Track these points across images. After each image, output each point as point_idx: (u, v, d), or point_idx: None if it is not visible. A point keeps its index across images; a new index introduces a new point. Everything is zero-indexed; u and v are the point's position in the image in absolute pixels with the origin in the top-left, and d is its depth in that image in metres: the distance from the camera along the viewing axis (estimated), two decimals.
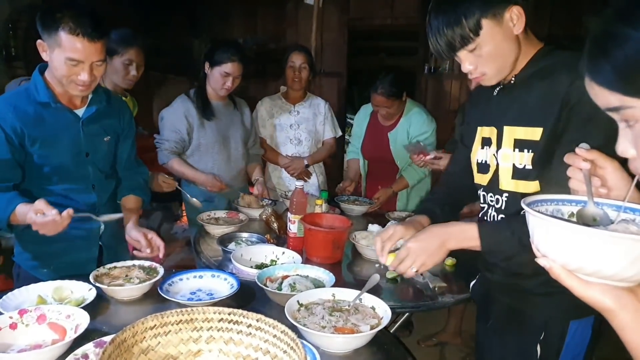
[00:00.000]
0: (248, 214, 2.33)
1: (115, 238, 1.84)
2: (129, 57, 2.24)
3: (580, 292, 0.66)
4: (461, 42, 1.15)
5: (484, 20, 1.12)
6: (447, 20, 1.14)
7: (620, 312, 0.64)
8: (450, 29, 1.14)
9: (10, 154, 1.50)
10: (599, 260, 0.62)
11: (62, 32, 1.42)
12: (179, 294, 1.43)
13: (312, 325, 1.17)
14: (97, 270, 1.47)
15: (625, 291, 0.65)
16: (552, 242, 0.66)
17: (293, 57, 2.77)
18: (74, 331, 1.11)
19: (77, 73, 1.48)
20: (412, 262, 1.28)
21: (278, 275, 1.52)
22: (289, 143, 2.92)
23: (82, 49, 1.45)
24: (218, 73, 2.44)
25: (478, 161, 1.40)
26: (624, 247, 0.59)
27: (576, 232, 0.62)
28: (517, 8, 1.14)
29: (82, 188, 1.67)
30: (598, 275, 0.63)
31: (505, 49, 1.17)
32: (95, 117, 1.67)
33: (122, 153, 1.83)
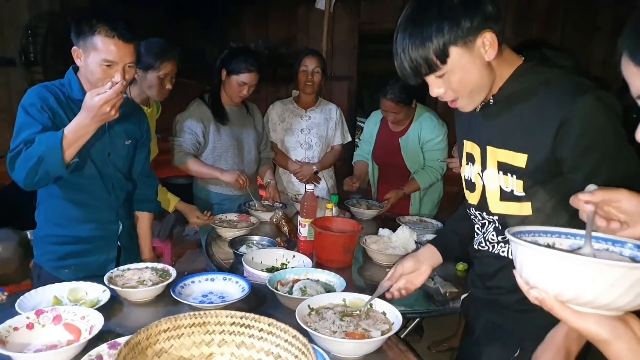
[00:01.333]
0: (259, 217, 2.34)
1: (131, 238, 1.89)
2: (165, 72, 2.18)
3: (574, 324, 0.65)
4: (428, 69, 1.08)
5: (452, 47, 1.04)
6: (414, 48, 1.06)
7: (615, 343, 0.63)
8: (417, 58, 1.07)
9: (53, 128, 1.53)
10: (594, 289, 0.61)
11: (99, 36, 1.52)
12: (191, 297, 1.44)
13: (322, 330, 1.17)
14: (111, 272, 1.49)
15: (619, 321, 0.64)
16: (545, 273, 0.65)
17: (306, 61, 2.78)
18: (89, 332, 1.13)
19: (111, 75, 1.55)
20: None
21: (289, 279, 1.53)
22: (299, 147, 2.93)
23: (117, 51, 1.53)
24: (235, 82, 2.47)
25: (465, 177, 1.34)
26: (618, 276, 0.59)
27: (573, 261, 0.61)
28: (490, 34, 1.05)
29: (102, 186, 1.72)
30: (592, 305, 0.63)
31: (476, 76, 1.09)
32: (119, 120, 1.70)
33: (139, 160, 1.90)
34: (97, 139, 1.65)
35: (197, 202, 2.60)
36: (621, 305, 0.61)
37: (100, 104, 1.41)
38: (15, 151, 1.47)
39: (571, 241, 0.77)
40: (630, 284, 0.59)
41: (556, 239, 0.78)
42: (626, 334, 0.63)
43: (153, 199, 2.00)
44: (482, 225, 1.31)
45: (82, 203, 1.68)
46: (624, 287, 0.59)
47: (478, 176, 1.26)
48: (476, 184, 1.27)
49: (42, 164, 1.42)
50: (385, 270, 1.87)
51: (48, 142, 1.42)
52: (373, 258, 1.96)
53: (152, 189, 1.99)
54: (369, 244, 2.00)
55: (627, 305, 0.61)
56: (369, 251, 1.96)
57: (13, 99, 3.55)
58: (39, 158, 1.41)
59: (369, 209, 2.62)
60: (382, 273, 1.86)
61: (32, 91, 1.58)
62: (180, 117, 2.54)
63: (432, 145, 2.76)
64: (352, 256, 1.92)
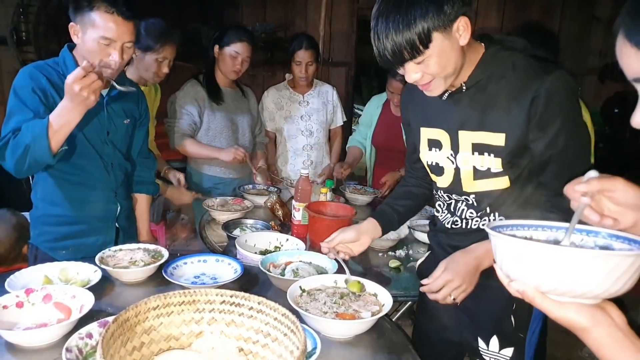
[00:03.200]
0: (253, 200, 2.34)
1: (129, 220, 1.89)
2: (164, 55, 2.16)
3: (555, 314, 0.66)
4: (411, 55, 1.10)
5: (435, 33, 1.07)
6: (397, 32, 1.07)
7: (594, 330, 0.64)
8: (401, 40, 1.08)
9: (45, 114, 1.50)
10: (572, 278, 0.62)
11: (97, 11, 1.48)
12: (183, 278, 1.44)
13: (313, 311, 1.18)
14: (103, 253, 1.49)
15: (597, 309, 0.65)
16: (524, 265, 0.66)
17: (299, 54, 2.73)
18: (79, 311, 1.13)
19: (109, 53, 1.52)
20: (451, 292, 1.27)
21: (281, 262, 1.53)
22: (300, 135, 2.91)
23: (116, 28, 1.49)
24: (228, 54, 2.45)
25: (428, 163, 1.40)
26: (597, 264, 0.60)
27: (550, 252, 0.63)
28: (465, 19, 1.10)
29: (101, 165, 1.70)
30: (571, 294, 0.64)
31: (452, 60, 1.13)
32: (117, 98, 1.71)
33: (138, 140, 1.88)
34: (95, 117, 1.63)
35: (190, 186, 2.59)
36: (599, 293, 0.63)
37: (78, 89, 1.33)
38: (4, 141, 1.45)
39: (548, 233, 0.78)
40: (606, 272, 0.60)
41: (533, 231, 0.79)
42: (605, 320, 0.64)
43: (151, 180, 1.98)
44: (450, 205, 1.39)
45: (80, 183, 1.66)
46: (600, 275, 0.61)
47: (448, 160, 1.32)
48: (445, 167, 1.34)
49: (29, 153, 1.40)
50: (378, 254, 1.89)
51: (34, 130, 1.39)
52: None
53: (151, 170, 1.97)
54: None
55: (604, 293, 0.63)
56: None
57: (5, 78, 3.50)
58: (26, 147, 1.39)
59: (363, 195, 2.61)
60: (375, 257, 1.87)
61: (23, 72, 1.55)
62: (175, 98, 2.52)
63: None
64: None
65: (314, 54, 2.76)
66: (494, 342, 1.35)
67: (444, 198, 1.40)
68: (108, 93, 1.68)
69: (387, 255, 1.87)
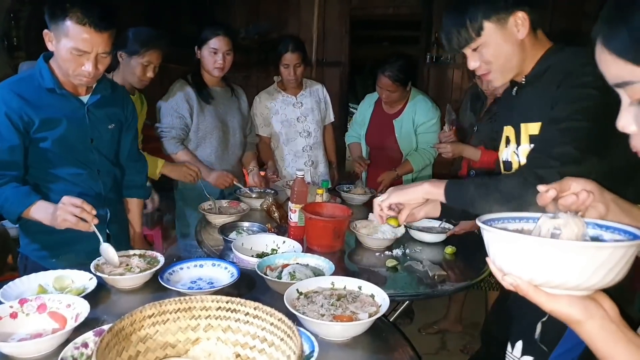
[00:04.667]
0: (249, 203, 2.33)
1: (121, 226, 1.87)
2: (149, 59, 2.18)
3: (548, 306, 0.66)
4: (465, 41, 1.23)
5: (486, 22, 1.19)
6: (454, 20, 1.23)
7: (587, 322, 0.65)
8: (455, 29, 1.23)
9: (19, 140, 1.53)
10: (565, 271, 0.62)
11: (70, 21, 1.45)
12: (180, 283, 1.43)
13: (311, 314, 1.17)
14: (98, 260, 1.48)
15: (590, 301, 0.65)
16: (517, 259, 0.66)
17: (286, 58, 2.73)
18: (74, 320, 1.12)
19: (82, 64, 1.50)
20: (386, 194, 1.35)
21: (278, 264, 1.53)
22: (299, 137, 2.90)
23: (89, 39, 1.47)
24: (207, 52, 2.44)
25: (502, 160, 1.44)
26: (589, 256, 0.60)
27: (543, 245, 0.63)
28: (522, 14, 1.19)
29: (88, 173, 1.69)
30: (564, 287, 0.64)
31: (508, 52, 1.22)
32: (100, 104, 1.69)
33: (125, 143, 1.86)
34: (77, 126, 1.62)
35: (180, 186, 2.58)
36: (591, 285, 0.63)
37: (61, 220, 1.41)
38: None
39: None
40: (598, 264, 0.60)
41: (524, 224, 0.79)
42: (597, 312, 0.65)
43: (142, 184, 1.96)
44: None
45: (67, 191, 1.63)
46: (593, 267, 0.61)
47: (514, 154, 1.36)
48: (512, 162, 1.38)
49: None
50: (375, 254, 1.89)
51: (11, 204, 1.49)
52: (363, 242, 1.96)
53: (141, 174, 1.96)
54: (359, 228, 2.00)
55: (597, 284, 0.63)
56: (358, 236, 1.96)
57: None
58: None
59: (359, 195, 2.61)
60: (372, 257, 1.86)
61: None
62: (164, 100, 2.49)
63: (425, 128, 2.79)
64: (342, 241, 1.92)
65: (300, 55, 2.76)
66: (518, 347, 1.34)
67: None
68: (89, 100, 1.66)
69: (384, 254, 1.87)
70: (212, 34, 2.42)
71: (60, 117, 1.58)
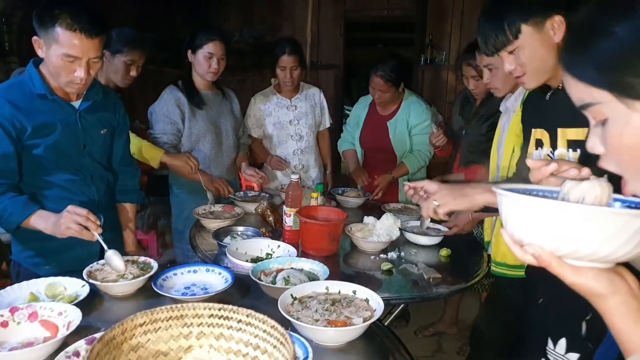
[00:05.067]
0: (244, 207, 2.32)
1: (114, 231, 1.86)
2: (132, 58, 2.21)
3: (572, 279, 0.63)
4: (502, 43, 1.25)
5: (523, 26, 1.21)
6: (491, 23, 1.26)
7: (611, 298, 0.62)
8: (493, 32, 1.25)
9: (13, 147, 1.52)
10: (596, 240, 0.59)
11: (59, 28, 1.43)
12: (173, 289, 1.42)
13: (305, 319, 1.17)
14: (91, 266, 1.47)
15: (615, 274, 0.63)
16: (541, 227, 0.62)
17: (283, 60, 2.72)
18: (66, 328, 1.11)
19: (74, 70, 1.49)
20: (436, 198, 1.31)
21: (272, 269, 1.52)
22: (290, 140, 2.90)
23: (80, 45, 1.45)
24: (201, 56, 2.43)
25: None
26: (623, 224, 0.57)
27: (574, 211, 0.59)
28: (559, 18, 1.20)
29: (81, 179, 1.68)
30: (591, 258, 0.61)
31: (544, 55, 1.23)
32: (91, 109, 1.68)
33: (118, 148, 1.85)
34: (69, 131, 1.60)
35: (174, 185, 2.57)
36: (619, 256, 0.60)
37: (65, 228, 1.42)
38: None
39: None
40: (632, 232, 0.57)
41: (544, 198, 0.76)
42: (623, 287, 0.62)
43: (135, 189, 1.95)
44: None
45: (60, 197, 1.63)
46: (625, 236, 0.58)
47: (548, 157, 1.37)
48: None
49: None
50: (370, 257, 1.88)
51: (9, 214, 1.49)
52: (358, 246, 1.96)
53: (134, 178, 1.94)
54: (354, 232, 1.99)
55: (624, 256, 0.60)
56: (353, 239, 1.96)
57: None
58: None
59: (354, 198, 2.60)
60: (367, 260, 1.86)
61: None
62: (156, 107, 2.47)
63: (420, 129, 2.78)
64: (337, 245, 1.91)
65: (297, 58, 2.75)
66: (561, 344, 1.33)
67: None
68: (81, 105, 1.65)
69: (379, 257, 1.86)
70: (207, 39, 2.41)
71: (52, 123, 1.57)
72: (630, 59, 0.55)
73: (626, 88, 0.56)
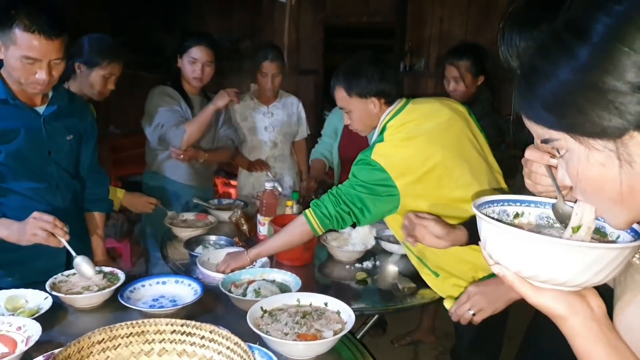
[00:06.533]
0: (218, 216, 2.28)
1: (81, 241, 1.79)
2: (111, 71, 2.07)
3: (532, 299, 0.65)
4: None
5: None
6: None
7: (571, 319, 0.64)
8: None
9: None
10: (553, 268, 0.61)
11: (17, 29, 1.37)
12: (141, 301, 1.39)
13: (274, 333, 1.14)
14: (55, 278, 1.42)
15: (576, 297, 0.65)
16: (506, 250, 0.65)
17: (265, 66, 2.69)
18: (25, 344, 1.07)
19: (34, 72, 1.43)
20: (471, 306, 1.26)
21: (243, 280, 1.49)
22: (264, 146, 2.87)
23: (39, 47, 1.39)
24: (186, 61, 2.38)
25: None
26: (579, 255, 0.59)
27: (532, 240, 0.62)
28: None
29: (46, 187, 1.62)
30: (552, 283, 0.63)
31: None
32: (57, 114, 1.62)
33: (85, 156, 1.79)
34: (33, 137, 1.55)
35: (147, 191, 2.48)
36: (579, 283, 0.62)
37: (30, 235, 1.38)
38: None
39: (540, 210, 0.77)
40: (587, 263, 0.59)
41: (525, 207, 0.77)
42: (582, 310, 0.64)
43: (104, 197, 1.90)
44: None
45: (23, 206, 1.56)
46: (581, 266, 0.60)
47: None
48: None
49: None
50: (345, 266, 1.87)
51: None
52: (334, 255, 1.94)
53: (103, 186, 1.89)
54: (329, 240, 1.98)
55: (585, 283, 0.62)
56: (329, 248, 1.94)
57: None
58: None
59: None
60: (342, 270, 1.85)
61: None
62: (150, 104, 2.39)
63: None
64: (312, 254, 1.90)
65: (279, 65, 2.73)
66: None
67: None
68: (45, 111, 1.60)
69: (354, 267, 1.85)
70: (193, 43, 2.36)
71: (15, 129, 1.51)
72: (574, 99, 0.55)
73: (576, 127, 0.56)
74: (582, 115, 0.54)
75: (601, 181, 0.58)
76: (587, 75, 0.53)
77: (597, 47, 0.53)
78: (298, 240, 1.67)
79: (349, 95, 1.74)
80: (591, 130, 0.55)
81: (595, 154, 0.56)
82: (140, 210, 2.28)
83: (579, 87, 0.54)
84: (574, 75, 0.54)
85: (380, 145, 1.60)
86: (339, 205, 1.58)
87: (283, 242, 1.66)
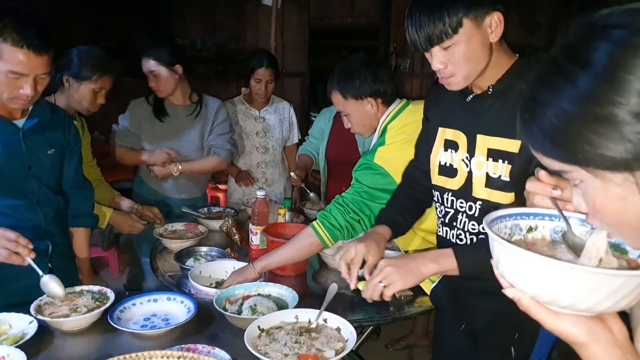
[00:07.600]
0: (208, 225, 2.23)
1: (65, 258, 1.73)
2: (102, 85, 1.98)
3: (550, 325, 0.62)
4: (439, 37, 1.12)
5: (465, 19, 1.10)
6: (430, 14, 1.12)
7: (591, 345, 0.61)
8: (431, 23, 1.11)
9: None
10: (574, 294, 0.59)
11: (4, 43, 1.31)
12: (132, 321, 1.34)
13: (273, 354, 1.10)
14: (40, 299, 1.36)
15: (597, 322, 0.62)
16: (523, 274, 0.62)
17: (260, 72, 2.67)
18: None
19: (19, 86, 1.38)
20: (382, 279, 1.23)
21: (238, 296, 1.44)
22: (255, 151, 2.83)
23: (27, 62, 1.34)
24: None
25: (440, 163, 1.37)
26: (601, 282, 0.57)
27: (552, 266, 0.59)
28: (498, 15, 1.13)
29: (26, 204, 1.55)
30: (572, 309, 0.61)
31: (478, 54, 1.15)
32: (37, 128, 1.56)
33: (69, 170, 1.72)
34: (12, 153, 1.48)
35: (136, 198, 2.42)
36: (601, 310, 0.60)
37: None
38: None
39: (555, 223, 0.74)
40: (610, 290, 0.57)
41: (539, 221, 0.74)
42: (603, 335, 0.61)
43: (89, 212, 1.83)
44: (448, 214, 1.34)
45: (3, 224, 1.49)
46: (604, 293, 0.57)
47: (462, 162, 1.30)
48: (459, 169, 1.31)
49: None
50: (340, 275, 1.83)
51: None
52: (327, 263, 1.91)
53: (88, 201, 1.83)
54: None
55: (607, 310, 0.60)
56: (322, 256, 1.91)
57: None
58: None
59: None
60: (337, 277, 1.80)
61: None
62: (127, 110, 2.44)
63: None
64: (306, 263, 1.86)
65: (274, 72, 2.72)
66: None
67: (445, 206, 1.36)
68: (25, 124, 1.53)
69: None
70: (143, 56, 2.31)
71: None
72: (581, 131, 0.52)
73: (587, 160, 0.53)
74: (592, 148, 0.52)
75: (623, 214, 0.55)
76: (592, 106, 0.51)
77: (600, 77, 0.50)
78: (306, 253, 1.65)
79: (344, 98, 1.73)
80: (603, 163, 0.52)
81: (612, 187, 0.54)
82: (127, 232, 2.19)
83: (584, 118, 0.51)
84: (578, 106, 0.52)
85: (383, 149, 1.59)
86: (348, 214, 1.56)
87: (291, 255, 1.63)
